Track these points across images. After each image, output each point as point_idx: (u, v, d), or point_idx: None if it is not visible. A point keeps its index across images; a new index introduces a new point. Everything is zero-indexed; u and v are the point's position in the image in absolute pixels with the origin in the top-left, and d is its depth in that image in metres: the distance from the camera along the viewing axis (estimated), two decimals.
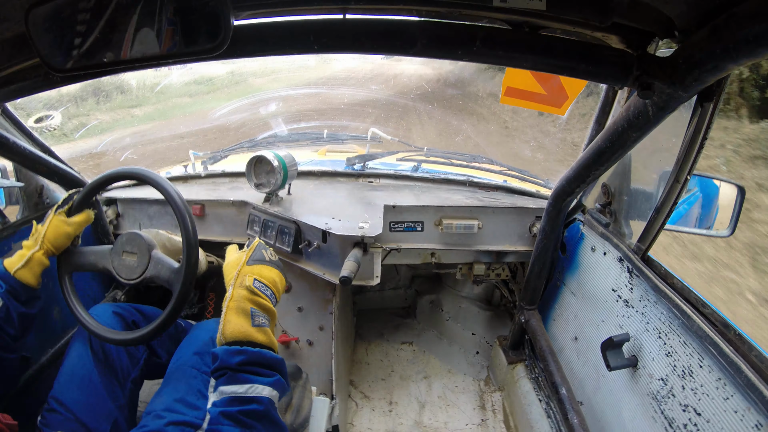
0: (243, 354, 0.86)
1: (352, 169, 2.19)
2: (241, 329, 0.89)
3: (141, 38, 0.75)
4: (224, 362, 0.86)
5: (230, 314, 0.90)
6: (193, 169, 2.33)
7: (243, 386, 0.84)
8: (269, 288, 0.98)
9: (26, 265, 1.14)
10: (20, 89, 1.05)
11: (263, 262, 1.02)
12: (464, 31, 0.90)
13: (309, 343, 1.72)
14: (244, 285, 0.94)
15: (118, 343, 1.18)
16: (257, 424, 0.83)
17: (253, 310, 0.92)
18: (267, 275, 1.00)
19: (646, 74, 0.87)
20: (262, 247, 1.06)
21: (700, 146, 1.02)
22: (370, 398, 2.11)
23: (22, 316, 1.13)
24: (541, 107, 1.51)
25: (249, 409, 0.83)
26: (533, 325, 1.79)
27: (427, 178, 2.12)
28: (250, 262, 1.00)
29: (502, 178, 2.21)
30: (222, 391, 0.86)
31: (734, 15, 0.65)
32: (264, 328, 0.92)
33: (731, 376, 0.90)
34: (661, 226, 1.20)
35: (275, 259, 1.06)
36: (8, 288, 1.11)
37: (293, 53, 0.95)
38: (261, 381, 0.86)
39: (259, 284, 0.96)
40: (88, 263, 1.24)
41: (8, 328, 1.11)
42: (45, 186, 1.70)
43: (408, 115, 8.75)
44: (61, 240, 1.20)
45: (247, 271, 0.98)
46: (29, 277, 1.14)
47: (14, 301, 1.12)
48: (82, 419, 1.14)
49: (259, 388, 0.86)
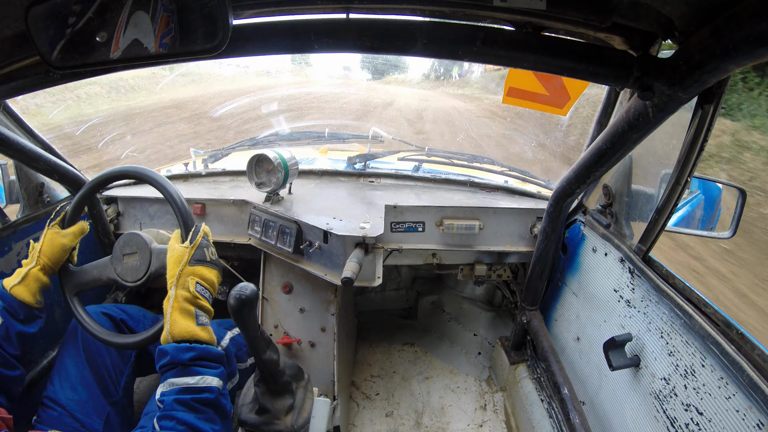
0: (193, 351, 0.95)
1: (353, 169, 2.19)
2: (187, 329, 0.97)
3: (140, 37, 0.75)
4: (175, 358, 0.94)
5: (175, 314, 0.97)
6: (193, 167, 2.32)
7: (194, 378, 0.93)
8: (208, 290, 1.05)
9: (22, 282, 1.12)
10: (20, 86, 1.05)
11: (204, 263, 1.06)
12: (465, 31, 0.90)
13: (311, 345, 1.72)
14: (187, 288, 1.01)
15: (126, 347, 1.19)
16: (209, 410, 0.93)
17: (197, 311, 1.00)
18: (207, 277, 1.05)
19: (647, 75, 0.87)
20: (205, 243, 1.08)
21: (701, 148, 1.02)
22: (372, 399, 2.10)
23: (20, 335, 1.10)
24: (543, 108, 1.51)
25: (202, 397, 0.92)
26: (535, 326, 1.79)
27: (428, 178, 2.12)
28: (191, 263, 1.04)
29: (503, 179, 2.21)
30: (172, 382, 0.93)
31: (734, 15, 0.65)
32: (206, 326, 1.01)
33: (733, 375, 0.89)
34: (662, 227, 1.20)
35: (215, 258, 1.10)
36: (6, 306, 1.09)
37: (293, 52, 0.95)
38: (210, 373, 0.96)
39: (200, 288, 1.02)
40: (92, 279, 1.23)
41: (8, 348, 1.08)
42: (45, 184, 1.70)
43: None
44: (58, 253, 1.18)
45: (189, 273, 1.03)
46: (26, 294, 1.12)
47: (12, 319, 1.09)
48: (76, 416, 1.17)
49: (209, 379, 0.95)
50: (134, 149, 7.53)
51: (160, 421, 0.89)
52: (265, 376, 1.22)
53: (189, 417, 0.89)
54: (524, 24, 0.89)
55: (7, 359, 1.08)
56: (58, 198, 1.77)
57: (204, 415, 0.92)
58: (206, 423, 0.91)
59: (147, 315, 1.50)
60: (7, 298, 1.10)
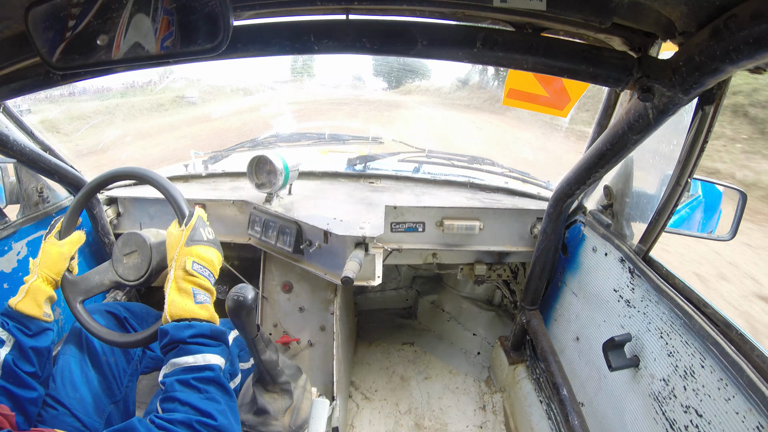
0: (192, 328, 0.93)
1: (354, 170, 2.19)
2: (185, 307, 0.96)
3: (141, 37, 0.75)
4: (174, 336, 0.92)
5: (173, 294, 0.97)
6: (193, 168, 2.32)
7: (194, 356, 0.92)
8: (207, 268, 1.03)
9: (26, 296, 1.11)
10: (20, 87, 1.05)
11: (201, 242, 1.05)
12: (465, 32, 0.90)
13: (310, 344, 1.72)
14: (183, 267, 0.99)
15: (133, 345, 1.18)
16: (210, 388, 0.91)
17: (194, 290, 0.99)
18: (205, 256, 1.04)
19: (647, 77, 0.87)
20: (200, 224, 1.08)
21: (701, 149, 1.02)
22: (371, 399, 2.10)
23: (34, 350, 1.10)
24: (543, 109, 1.51)
25: (202, 375, 0.90)
26: (534, 326, 1.79)
27: (428, 179, 2.12)
28: (188, 243, 1.03)
29: (503, 180, 2.21)
30: (173, 363, 0.92)
31: (735, 16, 0.65)
32: (205, 304, 0.99)
33: (733, 376, 0.89)
34: (662, 228, 1.20)
35: (212, 237, 1.09)
36: (15, 324, 1.09)
37: (293, 54, 0.95)
38: (210, 350, 0.94)
39: (198, 266, 1.01)
40: (95, 285, 1.22)
41: (25, 366, 1.07)
42: (45, 185, 1.70)
43: None
44: (57, 263, 1.17)
45: (185, 253, 1.02)
46: (31, 306, 1.11)
47: (23, 336, 1.08)
48: (76, 415, 1.16)
49: (210, 356, 0.93)
50: (132, 151, 7.41)
51: (162, 403, 0.88)
52: (263, 376, 1.22)
53: (191, 398, 0.88)
54: (524, 25, 0.89)
55: (22, 379, 1.07)
56: (58, 199, 1.77)
57: (206, 395, 0.90)
58: (209, 402, 0.89)
59: (150, 312, 1.49)
60: (14, 315, 1.09)
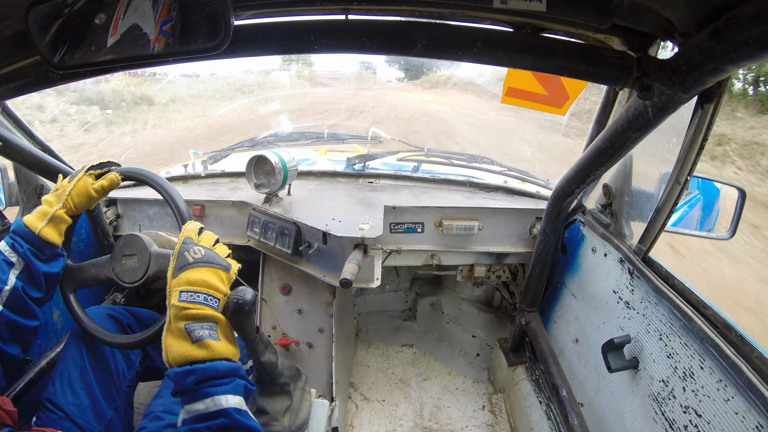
0: (193, 374, 0.85)
1: (353, 170, 2.19)
2: (181, 352, 0.86)
3: (141, 36, 0.75)
4: (179, 385, 0.86)
5: (168, 339, 0.88)
6: (193, 168, 2.33)
7: (204, 402, 0.84)
8: (199, 292, 0.91)
9: (50, 223, 1.10)
10: (20, 87, 1.05)
11: (187, 266, 0.92)
12: (465, 32, 0.90)
13: (309, 346, 1.71)
14: (173, 304, 0.89)
15: (123, 347, 1.17)
16: None
17: (187, 327, 0.87)
18: (194, 279, 0.91)
19: (646, 76, 0.87)
20: (186, 247, 0.95)
21: (700, 147, 1.02)
22: (370, 400, 2.10)
23: (46, 276, 1.10)
24: (542, 108, 1.52)
25: (216, 424, 0.83)
26: (534, 327, 1.79)
27: (427, 178, 2.12)
28: (175, 273, 0.92)
29: (502, 179, 2.21)
30: (187, 410, 0.86)
31: (734, 17, 0.65)
32: (205, 340, 0.88)
33: (732, 377, 0.89)
34: (661, 227, 1.20)
35: (202, 254, 0.95)
36: (29, 248, 1.07)
37: (293, 53, 0.95)
38: (221, 390, 0.86)
39: (186, 295, 0.89)
40: (90, 277, 1.22)
41: (33, 291, 1.07)
42: (45, 186, 1.69)
43: None
44: (84, 200, 1.16)
45: (174, 285, 0.91)
46: (54, 235, 1.10)
47: (36, 260, 1.07)
48: (74, 420, 1.14)
49: (221, 398, 0.85)
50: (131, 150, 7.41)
51: None
52: (262, 378, 1.22)
53: None
54: (524, 25, 0.89)
55: (28, 308, 1.06)
56: None
57: None
58: None
59: (155, 318, 1.47)
60: (32, 239, 1.08)
